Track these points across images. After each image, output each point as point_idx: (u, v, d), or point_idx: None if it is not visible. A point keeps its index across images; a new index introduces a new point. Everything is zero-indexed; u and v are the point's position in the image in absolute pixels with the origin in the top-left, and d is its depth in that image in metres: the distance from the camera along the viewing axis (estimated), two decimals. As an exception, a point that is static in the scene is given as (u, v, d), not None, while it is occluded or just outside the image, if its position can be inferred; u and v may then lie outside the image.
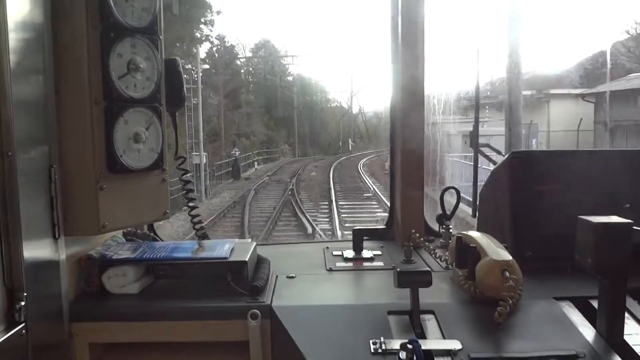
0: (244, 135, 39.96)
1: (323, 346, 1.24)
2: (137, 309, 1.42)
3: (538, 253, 1.63)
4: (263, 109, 47.08)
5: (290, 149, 48.60)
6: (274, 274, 1.62)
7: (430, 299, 1.39)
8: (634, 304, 1.37)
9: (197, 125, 23.27)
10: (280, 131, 48.82)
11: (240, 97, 43.41)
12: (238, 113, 40.89)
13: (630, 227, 1.21)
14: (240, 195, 20.22)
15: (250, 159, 34.21)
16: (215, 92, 37.72)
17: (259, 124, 44.03)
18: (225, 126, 36.82)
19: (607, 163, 1.78)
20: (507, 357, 1.17)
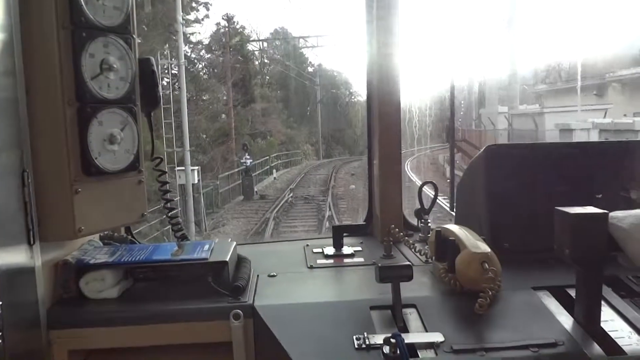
0: (260, 135, 34.23)
1: (307, 344, 1.24)
2: (116, 314, 1.39)
3: (514, 244, 1.65)
4: (281, 104, 40.10)
5: (313, 149, 41.99)
6: (255, 273, 1.61)
7: (411, 292, 1.41)
8: (609, 292, 1.40)
9: (183, 129, 16.92)
10: (301, 129, 41.75)
11: (254, 90, 36.50)
12: (251, 109, 34.75)
13: (606, 217, 1.23)
14: (252, 230, 14.99)
15: (268, 164, 28.31)
16: (222, 82, 32.60)
17: (276, 121, 37.41)
18: (236, 125, 31.61)
19: (580, 156, 1.81)
20: (488, 348, 1.19)
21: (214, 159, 27.56)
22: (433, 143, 24.85)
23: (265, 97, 37.84)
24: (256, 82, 37.47)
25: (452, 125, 2.14)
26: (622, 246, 1.23)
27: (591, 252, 1.24)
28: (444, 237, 1.54)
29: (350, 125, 45.59)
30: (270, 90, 40.09)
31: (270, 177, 27.07)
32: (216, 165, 27.08)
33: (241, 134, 32.00)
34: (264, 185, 24.95)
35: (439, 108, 26.57)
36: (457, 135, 32.31)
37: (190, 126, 24.52)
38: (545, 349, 1.19)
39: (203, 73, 33.60)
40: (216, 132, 30.10)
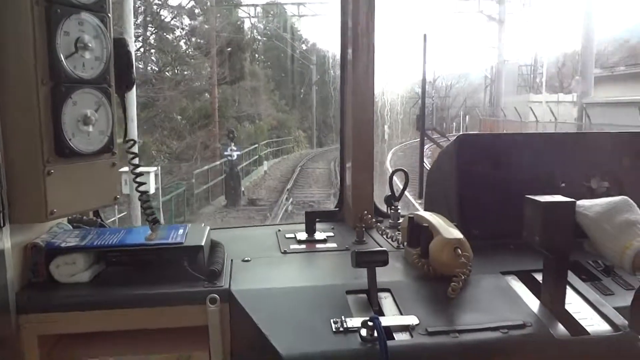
0: (247, 118, 29.22)
1: (285, 327, 1.25)
2: (88, 298, 1.37)
3: (483, 231, 1.71)
4: (273, 83, 34.80)
5: (305, 136, 36.43)
6: (229, 258, 1.61)
7: (385, 277, 1.44)
8: (572, 276, 1.46)
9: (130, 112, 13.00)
10: (293, 113, 36.34)
11: (243, 67, 30.90)
12: (239, 88, 29.21)
13: (574, 206, 1.29)
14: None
15: (257, 152, 23.91)
16: (206, 55, 26.95)
17: (266, 103, 32.10)
18: (220, 106, 26.55)
19: (545, 146, 1.88)
20: (461, 330, 1.23)
21: (191, 147, 23.05)
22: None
23: (256, 75, 32.39)
24: (246, 57, 31.96)
25: (422, 115, 2.18)
26: (588, 233, 1.29)
27: (559, 238, 1.29)
28: (417, 223, 1.57)
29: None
30: (262, 68, 34.75)
31: (260, 169, 23.27)
32: (194, 154, 22.62)
33: (226, 116, 27.49)
34: (252, 180, 21.13)
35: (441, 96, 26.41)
36: (478, 127, 32.55)
37: (161, 104, 22.16)
38: (514, 330, 1.24)
39: (184, 43, 28.53)
40: (196, 113, 25.70)
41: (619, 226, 1.24)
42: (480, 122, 35.24)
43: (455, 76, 43.15)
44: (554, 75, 39.16)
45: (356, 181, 2.02)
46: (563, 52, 39.76)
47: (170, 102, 23.32)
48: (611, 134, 2.02)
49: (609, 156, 1.89)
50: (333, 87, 33.91)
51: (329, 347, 1.18)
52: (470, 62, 53.42)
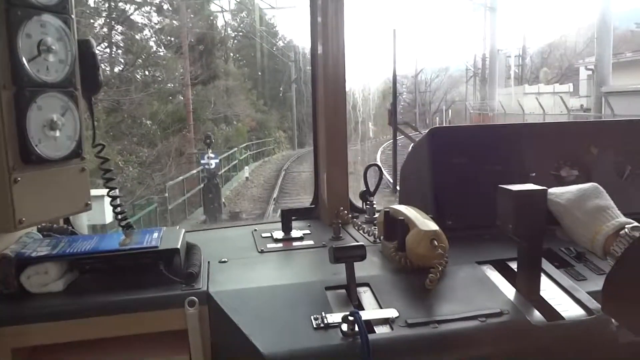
0: (224, 120, 27.58)
1: (266, 326, 1.24)
2: (63, 307, 1.33)
3: (457, 222, 1.73)
4: (250, 82, 32.83)
5: (286, 136, 35.14)
6: (206, 260, 1.59)
7: (363, 272, 1.44)
8: (546, 263, 1.49)
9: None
10: (272, 113, 34.60)
11: (218, 65, 29.06)
12: (214, 88, 27.39)
13: (545, 194, 1.31)
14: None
15: (236, 157, 22.21)
16: (178, 55, 24.94)
17: (244, 103, 30.21)
18: (196, 108, 24.84)
19: (515, 137, 1.91)
20: (440, 320, 1.24)
21: (164, 154, 20.92)
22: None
23: (232, 74, 30.68)
24: (220, 56, 30.35)
25: (394, 110, 2.19)
26: (560, 220, 1.31)
27: (532, 226, 1.32)
28: (393, 217, 1.58)
29: None
30: (237, 67, 33.06)
31: (241, 174, 21.82)
32: (169, 161, 20.55)
33: (201, 119, 25.62)
34: (233, 189, 19.78)
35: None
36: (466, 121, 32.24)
37: (128, 109, 20.42)
38: (492, 318, 1.26)
39: (154, 42, 26.43)
40: (168, 117, 23.52)
41: (589, 212, 1.26)
42: (470, 117, 34.62)
43: (435, 70, 43.12)
44: (539, 67, 39.22)
45: (331, 178, 2.02)
46: (547, 41, 39.85)
47: (139, 106, 21.54)
48: (578, 123, 2.06)
49: (578, 145, 1.93)
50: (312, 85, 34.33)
51: (310, 344, 1.18)
52: (450, 55, 53.78)
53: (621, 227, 1.19)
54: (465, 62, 38.68)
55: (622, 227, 1.19)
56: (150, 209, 14.99)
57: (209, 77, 27.23)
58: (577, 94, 30.14)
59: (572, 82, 31.39)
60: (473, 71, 37.49)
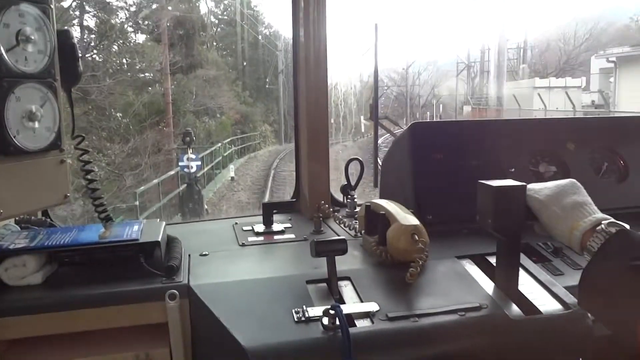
0: (207, 112, 25.08)
1: (247, 319, 1.25)
2: (41, 300, 1.32)
3: (437, 216, 1.74)
4: (234, 72, 30.40)
5: (272, 130, 32.53)
6: (186, 253, 1.59)
7: (344, 266, 1.45)
8: (524, 258, 1.51)
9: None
10: (258, 106, 31.87)
11: (200, 53, 26.83)
12: (196, 78, 25.12)
13: (524, 190, 1.33)
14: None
15: (220, 153, 20.36)
16: (157, 40, 22.64)
17: (228, 95, 27.77)
18: (175, 99, 22.08)
19: (494, 132, 1.94)
20: (420, 314, 1.26)
21: (138, 151, 18.30)
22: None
23: (215, 63, 28.15)
24: (202, 42, 27.94)
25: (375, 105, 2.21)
26: (538, 215, 1.33)
27: (511, 221, 1.33)
28: (374, 211, 1.59)
29: None
30: (222, 56, 30.56)
31: (226, 173, 19.89)
32: (146, 159, 18.04)
33: (181, 111, 22.85)
34: (217, 190, 17.96)
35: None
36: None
37: (97, 99, 18.48)
38: (471, 312, 1.28)
39: (129, 26, 23.66)
40: (145, 109, 20.86)
41: (566, 208, 1.28)
42: (470, 113, 32.61)
43: (423, 64, 42.63)
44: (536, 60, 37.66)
45: (312, 172, 2.02)
46: (546, 34, 38.15)
47: (109, 95, 19.28)
48: (556, 119, 2.09)
49: (555, 141, 1.96)
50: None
51: (291, 337, 1.18)
52: (439, 49, 53.19)
53: (598, 223, 1.21)
54: (456, 55, 38.29)
55: (598, 222, 1.21)
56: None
57: (189, 66, 25.10)
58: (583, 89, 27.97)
59: (568, 77, 29.60)
60: (466, 64, 36.93)
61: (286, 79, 29.75)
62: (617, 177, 2.01)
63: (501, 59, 29.85)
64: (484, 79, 35.92)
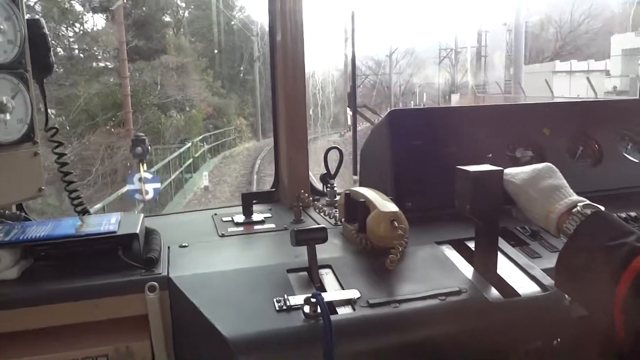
0: (175, 105, 21.86)
1: (228, 309, 1.24)
2: (18, 295, 1.30)
3: (416, 203, 1.75)
4: (205, 59, 27.00)
5: (247, 124, 29.36)
6: (166, 245, 1.58)
7: (325, 254, 1.45)
8: (502, 242, 1.53)
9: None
10: (232, 97, 28.72)
11: (165, 37, 23.69)
12: (161, 65, 21.81)
13: (502, 174, 1.35)
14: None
15: (190, 154, 17.78)
16: (104, 14, 19.78)
17: (199, 85, 24.63)
18: (136, 90, 19.04)
19: (471, 119, 1.95)
20: (401, 300, 1.27)
21: (85, 158, 14.91)
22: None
23: (183, 50, 24.93)
24: (168, 24, 25.23)
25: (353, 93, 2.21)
26: (515, 199, 1.35)
27: (489, 206, 1.35)
28: (354, 199, 1.59)
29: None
30: (190, 41, 27.08)
31: (198, 180, 16.87)
32: (97, 167, 14.83)
33: (142, 104, 19.60)
34: (188, 202, 15.16)
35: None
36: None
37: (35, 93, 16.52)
38: (451, 296, 1.29)
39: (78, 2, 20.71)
40: (98, 104, 18.08)
41: (543, 191, 1.29)
42: (472, 100, 29.75)
43: (401, 51, 42.02)
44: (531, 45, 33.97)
45: (291, 161, 2.01)
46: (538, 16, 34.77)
47: (59, 88, 16.35)
48: (532, 105, 2.12)
49: (532, 127, 1.99)
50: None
51: (273, 326, 1.18)
52: (417, 36, 52.16)
53: (573, 205, 1.23)
54: (438, 42, 37.66)
55: (574, 205, 1.23)
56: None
57: (153, 51, 21.80)
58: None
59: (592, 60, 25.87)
60: (452, 49, 35.98)
61: (263, 67, 28.19)
62: (592, 161, 2.04)
63: (517, 39, 25.52)
64: (481, 64, 34.25)
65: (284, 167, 2.05)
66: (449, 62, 38.00)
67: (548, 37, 35.68)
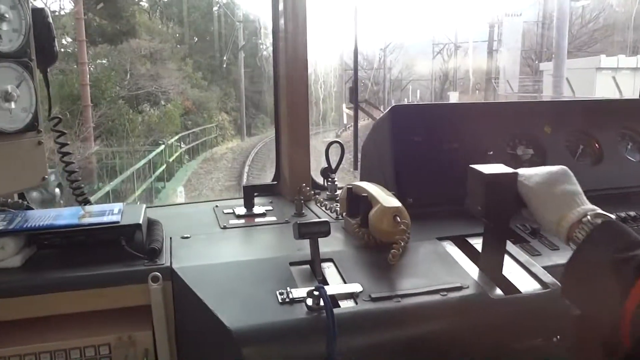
0: (147, 98, 19.18)
1: (231, 301, 1.25)
2: (21, 283, 1.30)
3: (417, 199, 1.76)
4: (185, 47, 24.57)
5: (230, 121, 25.88)
6: (168, 236, 1.58)
7: (327, 248, 1.46)
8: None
9: None
10: (213, 90, 25.58)
11: (135, 16, 20.79)
12: (132, 52, 19.22)
13: (516, 177, 1.32)
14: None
15: (164, 157, 15.35)
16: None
17: (176, 75, 21.59)
18: (99, 79, 16.47)
19: (473, 115, 1.96)
20: (403, 294, 1.28)
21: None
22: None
23: (158, 34, 21.92)
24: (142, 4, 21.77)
25: (355, 88, 2.22)
26: (527, 202, 1.31)
27: (501, 208, 1.33)
28: (356, 193, 1.60)
29: (271, 87, 13.10)
30: (168, 27, 24.11)
31: (172, 193, 14.57)
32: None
33: (106, 97, 16.56)
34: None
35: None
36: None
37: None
38: (453, 292, 1.30)
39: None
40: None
41: (556, 197, 1.26)
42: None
43: (389, 48, 41.26)
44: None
45: (293, 154, 2.02)
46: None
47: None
48: (533, 102, 2.12)
49: (532, 125, 1.99)
50: (257, 57, 27.08)
51: (275, 318, 1.19)
52: (408, 31, 50.98)
53: (584, 214, 1.19)
54: (432, 38, 36.82)
55: (585, 214, 1.19)
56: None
57: (118, 34, 18.42)
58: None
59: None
60: (453, 43, 34.79)
61: (262, 60, 26.03)
62: (592, 159, 2.05)
63: (560, 28, 20.24)
64: (491, 58, 31.10)
65: (285, 160, 2.05)
66: (442, 58, 37.20)
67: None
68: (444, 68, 36.89)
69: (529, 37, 30.25)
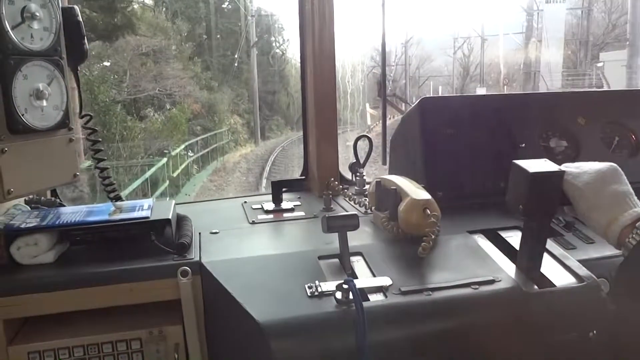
0: (151, 102, 17.39)
1: (260, 294, 1.25)
2: (54, 279, 1.32)
3: (447, 192, 1.73)
4: (192, 45, 22.76)
5: (243, 124, 24.03)
6: (196, 231, 1.59)
7: (356, 241, 1.44)
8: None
9: None
10: (224, 91, 23.45)
11: (135, 10, 18.82)
12: (133, 50, 17.33)
13: (562, 176, 1.27)
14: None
15: (169, 168, 13.78)
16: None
17: (182, 75, 19.54)
18: (91, 81, 14.34)
19: (505, 107, 1.92)
20: (433, 288, 1.26)
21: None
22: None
23: (163, 31, 19.72)
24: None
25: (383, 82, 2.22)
26: (574, 203, 1.25)
27: (545, 207, 1.28)
28: (385, 187, 1.58)
29: (285, 87, 26.89)
30: (172, 22, 21.53)
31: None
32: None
33: (99, 102, 14.60)
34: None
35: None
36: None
37: None
38: (484, 286, 1.27)
39: None
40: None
41: (606, 198, 1.20)
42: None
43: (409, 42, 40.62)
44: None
45: (321, 150, 2.01)
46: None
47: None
48: (566, 93, 2.07)
49: (566, 116, 1.94)
50: (270, 55, 25.63)
51: (305, 312, 1.18)
52: (424, 27, 49.92)
53: (639, 218, 1.13)
54: (453, 31, 35.96)
55: (639, 217, 1.13)
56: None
57: (113, 28, 16.06)
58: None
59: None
60: (480, 36, 33.31)
61: (275, 58, 24.30)
62: (629, 151, 1.98)
63: (636, 3, 17.19)
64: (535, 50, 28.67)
65: (313, 156, 2.05)
66: (461, 53, 36.12)
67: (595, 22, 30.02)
68: (464, 63, 36.05)
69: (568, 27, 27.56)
